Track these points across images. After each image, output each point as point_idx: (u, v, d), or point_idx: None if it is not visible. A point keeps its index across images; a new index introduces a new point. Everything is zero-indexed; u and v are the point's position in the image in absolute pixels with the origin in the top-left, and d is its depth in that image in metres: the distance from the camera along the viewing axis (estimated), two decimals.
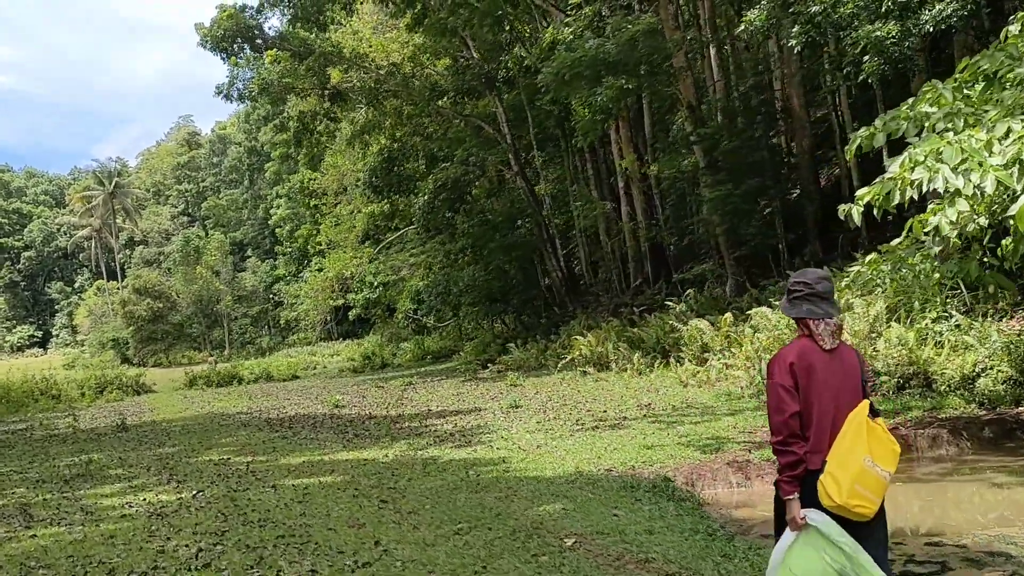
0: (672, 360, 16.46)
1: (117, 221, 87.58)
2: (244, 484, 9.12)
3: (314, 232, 49.32)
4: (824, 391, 3.39)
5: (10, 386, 30.68)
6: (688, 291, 21.62)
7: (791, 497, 3.39)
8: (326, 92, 28.28)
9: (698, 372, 14.92)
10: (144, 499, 8.47)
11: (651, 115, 26.90)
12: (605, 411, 12.89)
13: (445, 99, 30.00)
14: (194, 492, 8.65)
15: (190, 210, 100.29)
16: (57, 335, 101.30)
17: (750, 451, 8.60)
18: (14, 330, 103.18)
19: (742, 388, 12.94)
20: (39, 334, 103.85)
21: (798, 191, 21.30)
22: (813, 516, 3.35)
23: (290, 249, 68.99)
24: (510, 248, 30.80)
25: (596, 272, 32.58)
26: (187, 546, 6.03)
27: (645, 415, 12.08)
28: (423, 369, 32.44)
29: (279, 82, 26.68)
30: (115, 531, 6.77)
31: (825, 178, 23.39)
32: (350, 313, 52.09)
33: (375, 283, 45.73)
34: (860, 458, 3.26)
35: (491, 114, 31.38)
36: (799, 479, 3.37)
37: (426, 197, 28.14)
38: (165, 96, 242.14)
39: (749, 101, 22.63)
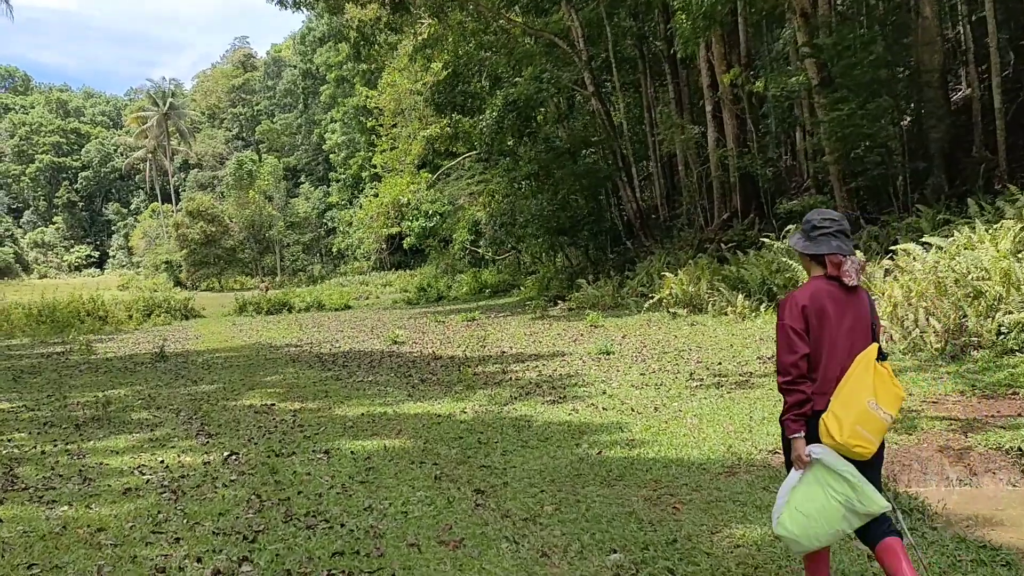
0: None
1: (171, 143, 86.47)
2: (289, 444, 7.19)
3: (369, 156, 47.22)
4: (836, 333, 3.33)
5: (56, 306, 29.56)
6: (788, 227, 19.07)
7: (797, 435, 3.33)
8: (387, 0, 25.80)
9: None
10: (162, 461, 6.59)
11: (746, 28, 23.99)
12: (720, 363, 10.69)
13: (515, 10, 27.28)
14: (226, 454, 6.73)
15: (244, 134, 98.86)
16: (114, 256, 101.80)
17: (965, 434, 6.36)
18: (72, 250, 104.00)
19: (889, 342, 10.61)
20: (96, 254, 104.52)
21: (922, 114, 18.44)
22: (815, 449, 3.31)
23: (344, 176, 67.16)
24: (580, 176, 28.38)
25: (673, 205, 30.03)
26: (199, 561, 4.05)
27: (775, 371, 9.87)
28: (482, 303, 30.46)
29: None
30: (108, 520, 4.85)
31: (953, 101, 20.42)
32: (404, 243, 50.18)
33: (431, 212, 43.67)
34: (864, 400, 3.21)
35: (565, 29, 28.63)
36: (805, 418, 3.33)
37: (494, 114, 25.71)
38: (221, 20, 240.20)
39: (872, 9, 19.63)
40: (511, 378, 10.74)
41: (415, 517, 4.78)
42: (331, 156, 70.28)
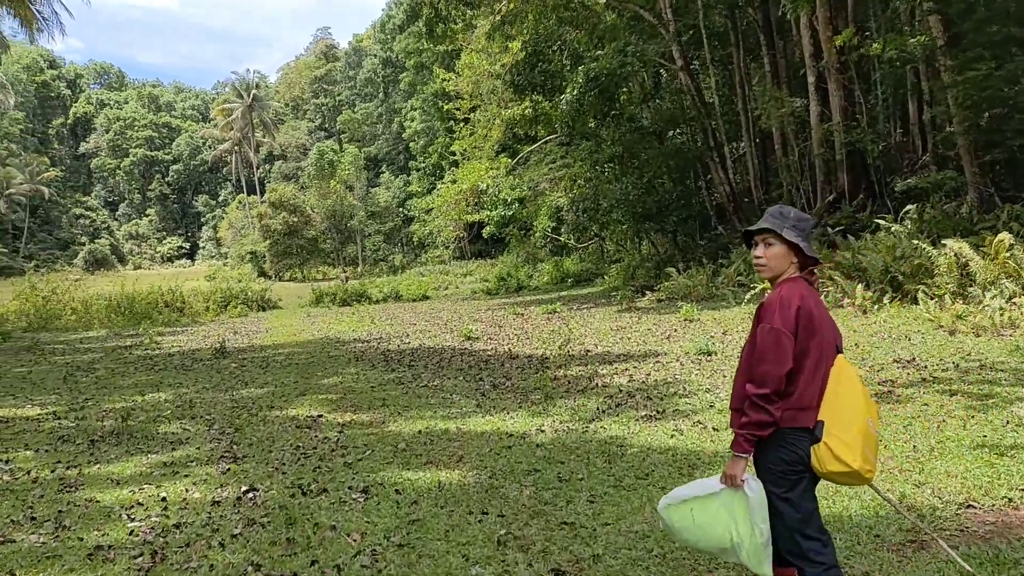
0: (920, 295, 12.16)
1: (256, 135, 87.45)
2: (324, 474, 5.83)
3: (448, 143, 46.08)
4: (822, 341, 3.03)
5: (135, 297, 29.35)
6: (908, 207, 16.88)
7: (744, 455, 3.02)
8: None
9: (968, 313, 10.65)
10: (164, 498, 5.29)
11: None
12: None
13: None
14: (243, 490, 5.40)
15: (326, 124, 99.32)
16: (203, 247, 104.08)
17: None
18: (164, 241, 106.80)
19: None
20: (187, 245, 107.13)
21: None
22: (752, 484, 3.04)
23: (424, 164, 66.38)
24: (667, 158, 26.51)
25: (768, 186, 27.85)
26: None
27: (922, 378, 8.05)
28: (564, 293, 28.91)
29: None
30: None
31: None
32: (484, 232, 48.96)
33: (511, 199, 42.25)
34: (864, 419, 2.96)
35: (651, 0, 26.76)
36: (758, 440, 3.00)
37: (575, 92, 24.04)
38: (307, 13, 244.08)
39: None
40: (597, 385, 9.18)
41: None
42: (411, 144, 69.65)
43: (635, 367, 10.20)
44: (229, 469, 6.03)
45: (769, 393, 2.93)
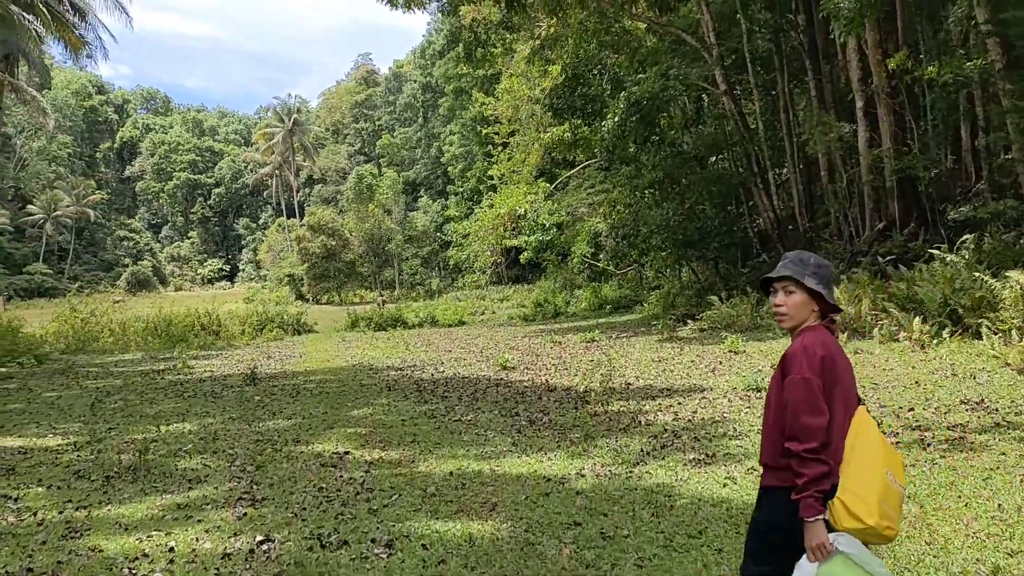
0: (984, 330, 11.44)
1: (296, 159, 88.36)
2: (347, 522, 5.39)
3: (486, 166, 45.94)
4: (845, 391, 2.90)
5: (172, 320, 29.37)
6: (965, 237, 16.13)
7: (818, 517, 2.74)
8: None
9: None
10: (171, 548, 4.88)
11: (904, 13, 21.10)
12: (912, 409, 8.32)
13: (640, 2, 25.18)
14: (258, 540, 4.97)
15: (366, 149, 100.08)
16: (243, 269, 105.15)
17: None
18: (205, 263, 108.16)
19: None
20: (227, 268, 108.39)
21: None
22: (841, 540, 2.73)
23: (462, 189, 66.40)
24: (710, 183, 25.95)
25: (813, 213, 27.11)
26: None
27: (995, 423, 7.40)
28: (602, 321, 28.34)
29: None
30: None
31: None
32: (521, 257, 48.61)
33: (549, 224, 41.86)
34: (882, 471, 2.76)
35: (693, 23, 26.32)
36: (826, 496, 2.74)
37: (616, 118, 23.62)
38: (348, 39, 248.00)
39: None
40: (640, 422, 8.65)
41: None
42: (449, 169, 69.82)
43: (680, 403, 9.64)
44: (246, 514, 5.61)
45: (815, 445, 2.76)
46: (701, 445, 7.34)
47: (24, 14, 21.51)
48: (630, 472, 6.50)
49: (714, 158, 29.63)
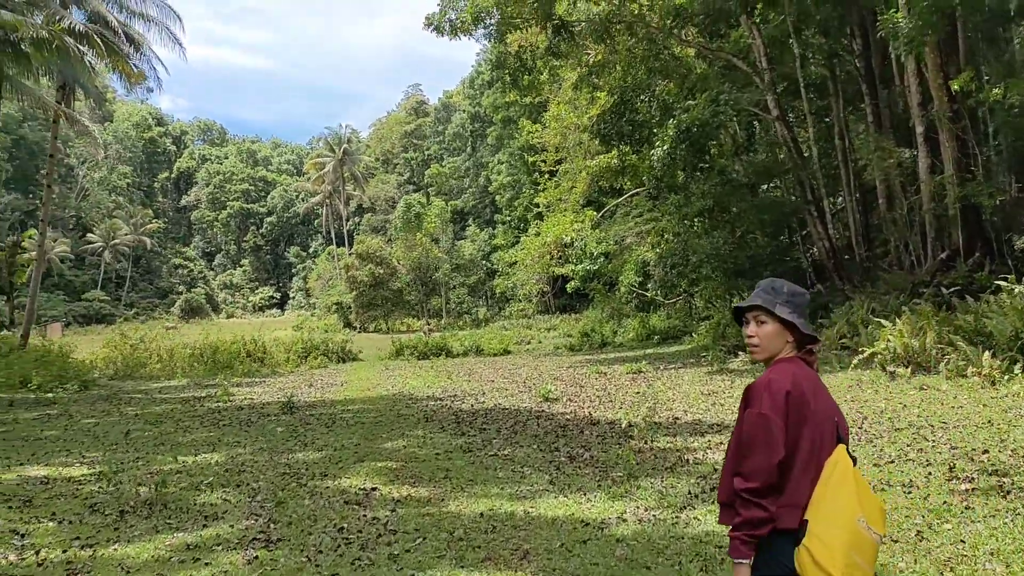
0: None
1: (346, 188, 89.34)
2: (366, 567, 4.96)
3: (533, 194, 45.74)
4: (814, 430, 2.65)
5: (218, 347, 29.48)
6: None
7: (743, 561, 2.58)
8: (550, 24, 24.00)
9: None
10: None
11: (965, 35, 20.34)
12: (986, 451, 7.61)
13: (690, 28, 24.80)
14: None
15: (415, 178, 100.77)
16: (293, 297, 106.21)
17: None
18: (256, 291, 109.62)
19: None
20: (278, 295, 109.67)
21: None
22: None
23: (509, 218, 66.27)
24: (762, 211, 25.28)
25: (870, 243, 26.20)
26: None
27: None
28: (650, 352, 27.65)
29: (496, 9, 22.73)
30: None
31: None
32: (568, 286, 48.15)
33: (596, 253, 41.35)
34: (853, 518, 2.53)
35: (744, 49, 25.81)
36: (758, 540, 2.58)
37: (666, 146, 23.13)
38: (400, 72, 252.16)
39: None
40: (688, 461, 8.08)
41: None
42: (497, 197, 69.85)
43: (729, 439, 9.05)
44: (256, 557, 5.22)
45: (759, 487, 2.58)
46: None
47: (79, 46, 21.88)
48: (676, 517, 5.96)
49: (765, 186, 28.97)
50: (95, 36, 22.28)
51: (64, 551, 5.39)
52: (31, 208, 78.94)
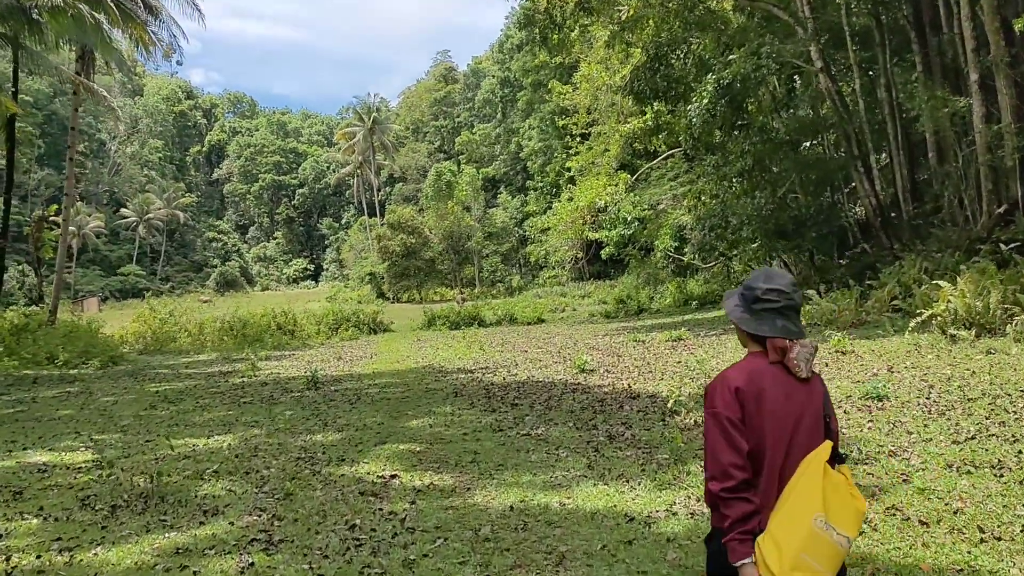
0: None
1: (377, 158, 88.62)
2: None
3: (565, 159, 44.64)
4: (777, 429, 2.52)
5: (248, 320, 29.15)
6: None
7: (745, 561, 2.40)
8: None
9: None
10: None
11: None
12: None
13: None
14: None
15: (445, 146, 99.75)
16: (327, 268, 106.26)
17: None
18: (290, 263, 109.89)
19: None
20: (311, 267, 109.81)
21: None
22: None
23: (541, 184, 65.24)
24: (805, 169, 24.17)
25: (919, 198, 24.95)
26: None
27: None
28: (688, 318, 26.75)
29: None
30: None
31: None
32: (602, 252, 47.14)
33: (630, 218, 40.30)
34: (809, 517, 2.38)
35: None
36: (752, 535, 2.42)
37: (704, 101, 22.01)
38: (429, 41, 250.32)
39: None
40: None
41: None
42: (528, 164, 68.78)
43: None
44: (253, 564, 4.54)
45: (733, 484, 2.46)
46: None
47: (94, 13, 21.27)
48: None
49: (808, 143, 27.74)
50: (110, 2, 21.65)
51: (38, 556, 4.77)
52: (64, 184, 79.71)
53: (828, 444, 2.55)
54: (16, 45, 21.12)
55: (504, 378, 13.42)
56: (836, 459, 2.61)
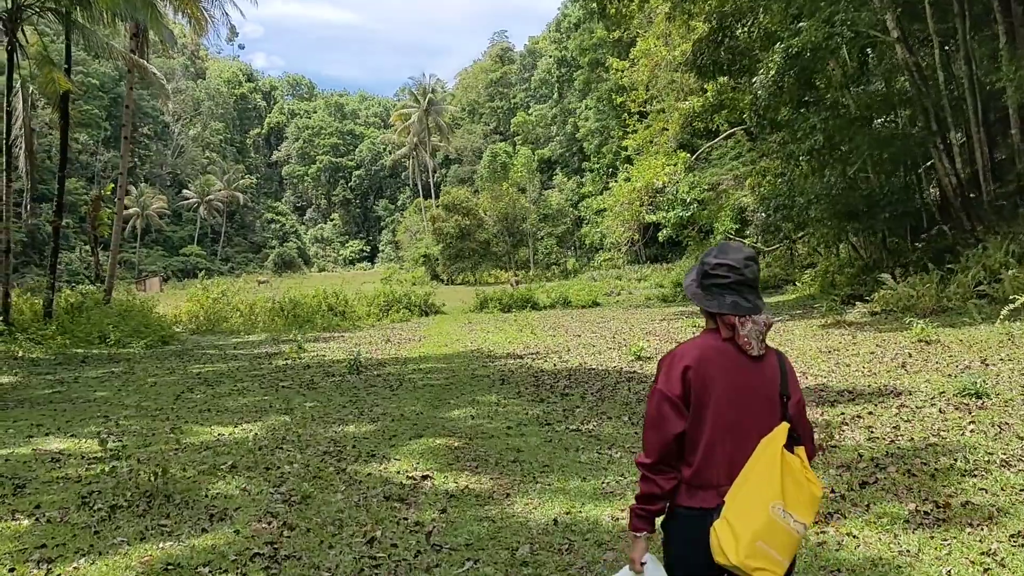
0: None
1: (432, 139, 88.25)
2: None
3: (622, 137, 43.46)
4: (724, 408, 2.43)
5: (298, 301, 28.90)
6: None
7: (638, 534, 2.47)
8: None
9: None
10: None
11: None
12: None
13: None
14: None
15: (501, 128, 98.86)
16: (383, 250, 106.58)
17: None
18: (347, 244, 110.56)
19: None
20: (367, 249, 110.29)
21: None
22: (649, 567, 2.47)
23: (597, 165, 64.02)
24: (880, 146, 22.78)
25: (1002, 177, 23.37)
26: None
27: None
28: None
29: None
30: None
31: None
32: (660, 234, 45.90)
33: (689, 199, 39.03)
34: (767, 504, 2.29)
35: None
36: (654, 515, 2.46)
37: (772, 73, 20.83)
38: (486, 21, 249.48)
39: None
40: (823, 440, 6.40)
41: None
42: (585, 144, 67.57)
43: (871, 412, 7.28)
44: None
45: (651, 463, 2.41)
46: (922, 486, 5.06)
47: None
48: (818, 534, 4.35)
49: (881, 119, 26.24)
50: None
51: (11, 569, 4.18)
52: (130, 166, 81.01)
53: (785, 426, 2.43)
54: (68, 20, 20.92)
55: (555, 365, 12.65)
56: (793, 442, 2.44)
